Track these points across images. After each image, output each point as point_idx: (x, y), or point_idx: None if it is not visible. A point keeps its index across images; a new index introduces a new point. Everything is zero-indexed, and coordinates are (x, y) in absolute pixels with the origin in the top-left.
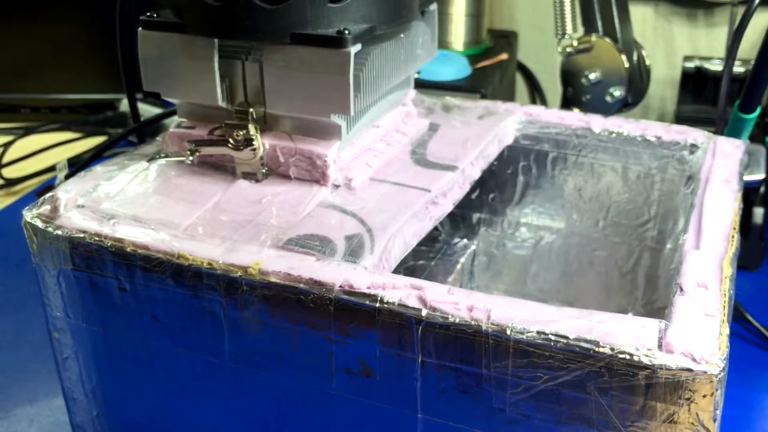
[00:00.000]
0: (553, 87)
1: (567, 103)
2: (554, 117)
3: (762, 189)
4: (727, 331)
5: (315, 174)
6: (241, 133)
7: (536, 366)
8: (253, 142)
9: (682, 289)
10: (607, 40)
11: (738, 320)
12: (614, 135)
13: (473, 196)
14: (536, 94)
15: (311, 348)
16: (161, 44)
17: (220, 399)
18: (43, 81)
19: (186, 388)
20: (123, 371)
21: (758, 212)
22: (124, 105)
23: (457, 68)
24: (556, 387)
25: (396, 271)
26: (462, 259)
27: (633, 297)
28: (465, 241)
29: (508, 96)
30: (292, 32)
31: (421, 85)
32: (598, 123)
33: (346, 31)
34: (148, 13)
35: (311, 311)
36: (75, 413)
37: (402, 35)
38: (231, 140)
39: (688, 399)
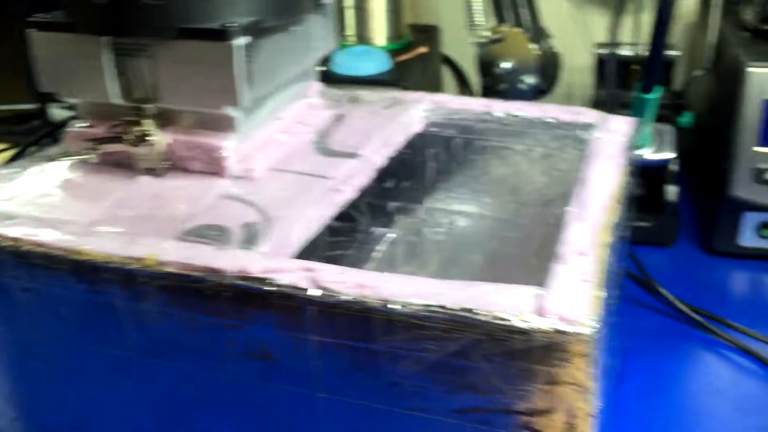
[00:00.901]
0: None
1: (486, 93)
2: (459, 104)
3: (673, 167)
4: (601, 294)
5: (214, 166)
6: (138, 129)
7: (424, 338)
8: (150, 138)
9: (561, 258)
10: (517, 29)
11: (652, 293)
12: (515, 118)
13: (388, 184)
14: (464, 87)
15: (212, 335)
16: (53, 45)
17: (131, 392)
18: None
19: (97, 384)
20: (35, 372)
21: (671, 190)
22: (54, 114)
23: (377, 63)
24: (445, 357)
25: (313, 260)
26: (380, 247)
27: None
28: (383, 229)
29: (434, 89)
30: (179, 27)
31: (341, 80)
32: (499, 107)
33: (232, 24)
34: (39, 15)
35: (208, 299)
36: None
37: (295, 28)
38: (129, 137)
39: (564, 360)
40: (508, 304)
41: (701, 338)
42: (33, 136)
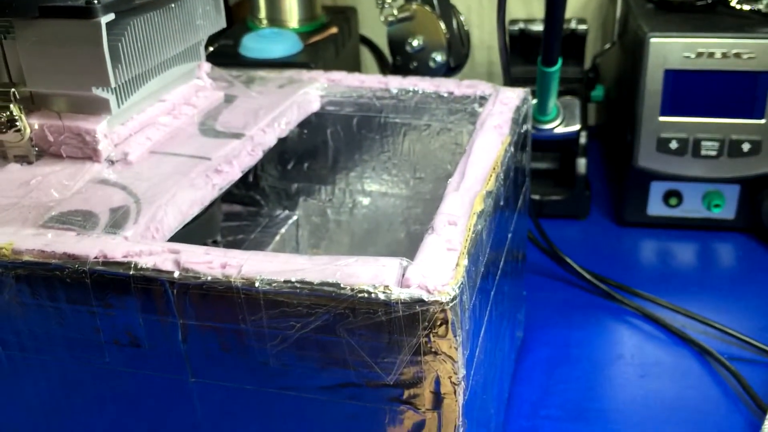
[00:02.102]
0: None
1: (398, 72)
2: (356, 81)
3: (582, 140)
4: (465, 262)
5: (86, 151)
6: (4, 114)
7: (288, 315)
8: (17, 123)
9: (432, 229)
10: (426, 7)
11: (561, 265)
12: (411, 93)
13: (289, 166)
14: (384, 67)
15: (78, 324)
16: None
17: (1, 389)
18: None
19: None
20: None
21: (581, 162)
22: None
23: (287, 45)
24: (310, 334)
25: (211, 245)
26: (282, 230)
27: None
28: (287, 212)
29: (352, 70)
30: (40, 5)
31: (251, 64)
32: (395, 83)
33: (96, 1)
34: None
35: (70, 287)
36: None
37: (172, 5)
38: None
39: (426, 329)
40: (371, 276)
41: (608, 307)
42: None
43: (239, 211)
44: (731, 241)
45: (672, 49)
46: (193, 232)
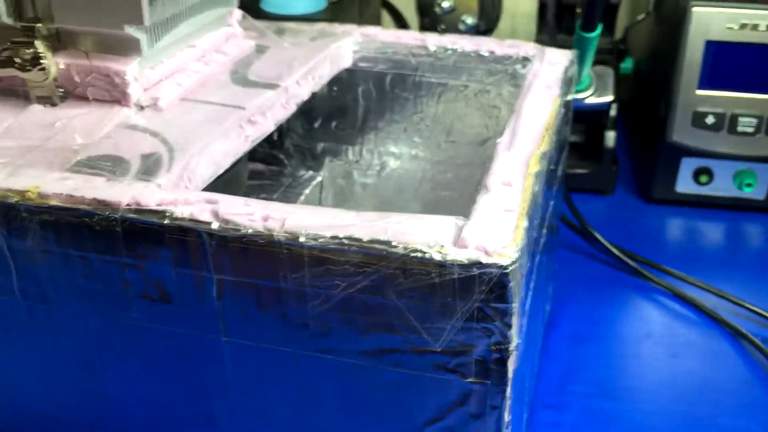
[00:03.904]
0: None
1: None
2: (391, 37)
3: (612, 112)
4: (525, 224)
5: (115, 93)
6: (29, 51)
7: (333, 273)
8: (42, 61)
9: (486, 188)
10: None
11: (590, 241)
12: (449, 52)
13: (316, 125)
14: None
15: (105, 276)
16: None
17: (21, 341)
18: None
19: None
20: None
21: (610, 136)
22: None
23: (311, 1)
24: (355, 294)
25: None
26: (306, 191)
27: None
28: (311, 172)
29: None
30: None
31: (273, 18)
32: (433, 41)
33: None
34: None
35: (99, 235)
36: None
37: None
38: (18, 60)
39: (482, 294)
40: (423, 235)
41: (636, 284)
42: None
43: (261, 170)
44: (762, 222)
45: (714, 20)
46: (218, 186)
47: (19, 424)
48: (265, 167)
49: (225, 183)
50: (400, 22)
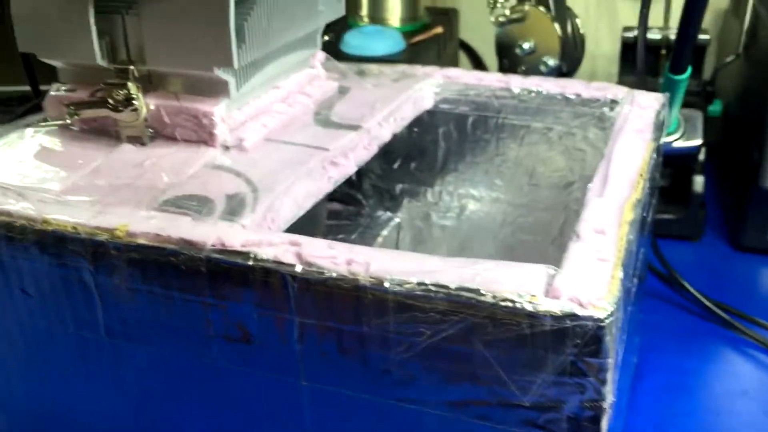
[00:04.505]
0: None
1: None
2: (474, 78)
3: (701, 156)
4: (620, 275)
5: (202, 134)
6: (122, 92)
7: (418, 320)
8: (134, 102)
9: (578, 236)
10: (540, 8)
11: (677, 289)
12: (533, 94)
13: (395, 166)
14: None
15: (187, 315)
16: (34, 1)
17: (101, 376)
18: None
19: (64, 366)
20: (1, 353)
21: (698, 180)
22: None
23: (390, 43)
24: (440, 342)
25: None
26: (384, 232)
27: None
28: (389, 213)
29: None
30: None
31: (352, 60)
32: (517, 83)
33: None
34: None
35: (183, 274)
36: None
37: None
38: (111, 101)
39: (576, 347)
40: (514, 283)
41: (727, 336)
42: (22, 108)
43: (339, 210)
44: None
45: None
46: (298, 225)
47: None
48: (343, 207)
49: (305, 223)
50: (478, 64)
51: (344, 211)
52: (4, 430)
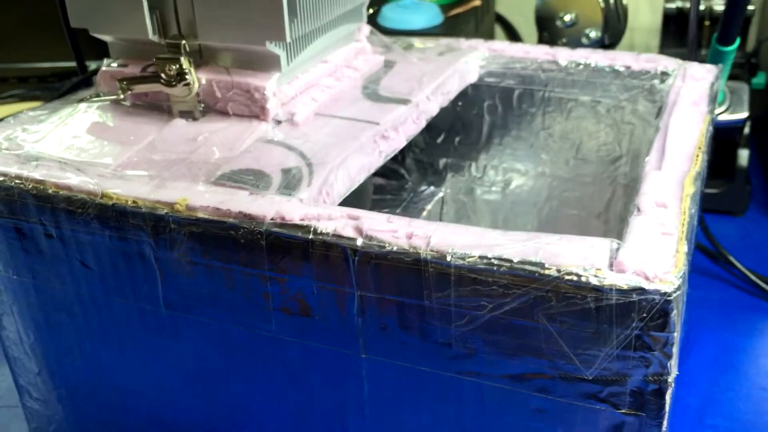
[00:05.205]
0: (533, 39)
1: None
2: (520, 51)
3: (746, 130)
4: (685, 249)
5: (254, 108)
6: (174, 67)
7: (480, 294)
8: (187, 77)
9: (639, 209)
10: None
11: (723, 264)
12: (581, 67)
13: (439, 140)
14: None
15: (246, 288)
16: None
17: (159, 348)
18: (7, 51)
19: (123, 338)
20: (59, 324)
21: (743, 154)
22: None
23: (428, 16)
24: (502, 316)
25: None
26: (428, 206)
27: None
28: (432, 188)
29: None
30: None
31: (390, 33)
32: (564, 55)
33: None
34: None
35: (243, 248)
36: (18, 374)
37: None
38: (163, 75)
39: (641, 321)
40: (577, 257)
41: None
42: (69, 83)
43: (382, 184)
44: None
45: None
46: (347, 200)
47: (149, 429)
48: (386, 181)
49: (352, 197)
50: (514, 37)
51: (387, 185)
52: (61, 402)
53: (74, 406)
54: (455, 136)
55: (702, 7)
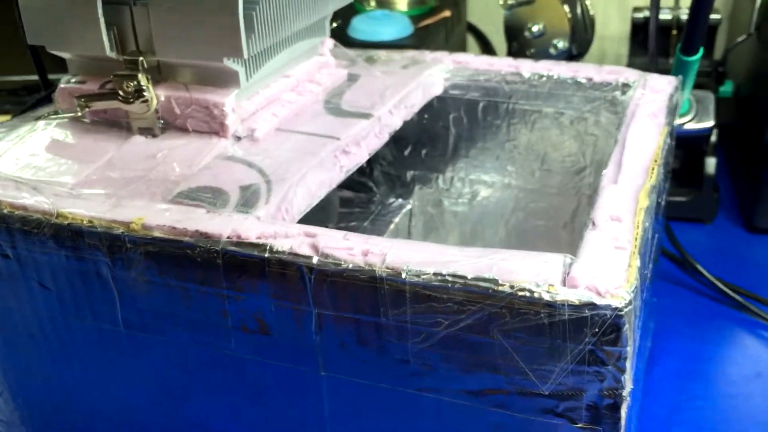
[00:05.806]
0: (506, 49)
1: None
2: (484, 63)
3: (713, 138)
4: (637, 263)
5: (213, 125)
6: (132, 84)
7: (435, 311)
8: (145, 93)
9: (594, 224)
10: None
11: (691, 273)
12: (544, 79)
13: (406, 153)
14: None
15: (205, 307)
16: None
17: (120, 367)
18: None
19: (84, 358)
20: (19, 345)
21: (710, 162)
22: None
23: (397, 27)
24: (458, 332)
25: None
26: (396, 219)
27: (576, 248)
28: (400, 200)
29: None
30: None
31: (360, 45)
32: (527, 67)
33: None
34: None
35: (200, 266)
36: None
37: None
38: (121, 92)
39: (594, 336)
40: (531, 273)
41: (742, 319)
42: (30, 98)
43: (350, 197)
44: None
45: None
46: (312, 214)
47: None
48: (354, 195)
49: (317, 211)
50: (486, 47)
51: (356, 198)
52: (24, 423)
53: (37, 427)
54: (422, 148)
55: (669, 17)
